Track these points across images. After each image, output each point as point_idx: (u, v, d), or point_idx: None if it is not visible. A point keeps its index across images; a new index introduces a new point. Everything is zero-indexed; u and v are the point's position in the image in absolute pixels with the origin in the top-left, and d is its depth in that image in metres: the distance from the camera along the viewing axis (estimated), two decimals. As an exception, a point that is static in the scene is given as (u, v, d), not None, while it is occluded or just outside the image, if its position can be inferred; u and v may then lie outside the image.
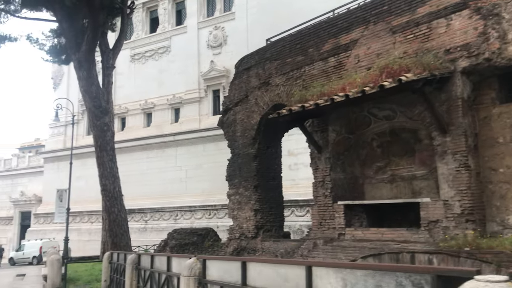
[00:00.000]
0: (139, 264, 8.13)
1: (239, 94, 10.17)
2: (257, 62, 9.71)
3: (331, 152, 8.18)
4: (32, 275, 17.86)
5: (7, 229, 44.25)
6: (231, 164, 10.65)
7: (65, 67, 39.29)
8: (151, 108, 34.13)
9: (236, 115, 10.17)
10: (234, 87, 10.67)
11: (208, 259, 5.23)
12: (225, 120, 10.78)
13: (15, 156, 48.24)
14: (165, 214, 31.15)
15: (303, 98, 7.29)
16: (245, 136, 9.88)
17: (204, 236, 10.68)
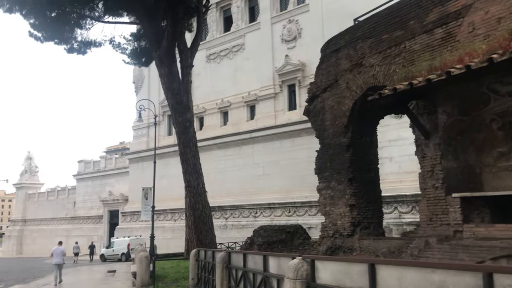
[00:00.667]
0: (229, 263, 7.64)
1: (327, 79, 9.35)
2: (347, 43, 8.84)
3: (442, 137, 7.09)
4: (122, 272, 18.41)
5: (97, 227, 47.11)
6: (321, 156, 9.84)
7: (145, 71, 40.91)
8: (227, 106, 34.27)
9: (325, 102, 9.36)
10: (321, 72, 9.85)
11: (317, 259, 4.53)
12: (312, 108, 10.02)
13: (103, 158, 51.27)
14: (245, 211, 31.06)
15: (408, 75, 6.32)
16: (336, 125, 9.05)
17: (293, 234, 10.02)
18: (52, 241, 53.40)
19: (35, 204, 59.27)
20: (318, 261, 4.40)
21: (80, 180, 52.13)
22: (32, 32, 19.83)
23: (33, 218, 58.74)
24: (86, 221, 49.83)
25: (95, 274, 19.12)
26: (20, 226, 59.58)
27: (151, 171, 38.41)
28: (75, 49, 21.35)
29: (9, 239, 60.97)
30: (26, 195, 60.46)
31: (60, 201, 55.49)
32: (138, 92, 41.35)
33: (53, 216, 55.57)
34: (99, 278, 16.89)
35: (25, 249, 57.81)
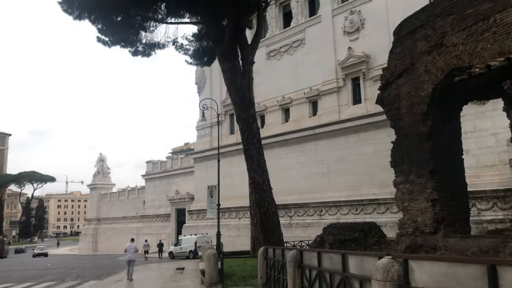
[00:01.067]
0: (301, 262, 7.19)
1: (402, 63, 8.59)
2: (424, 22, 8.03)
3: (544, 120, 6.16)
4: (190, 269, 18.57)
5: (166, 225, 48.62)
6: (397, 147, 9.08)
7: (207, 72, 41.52)
8: (288, 103, 33.81)
9: (400, 88, 8.60)
10: (394, 56, 9.10)
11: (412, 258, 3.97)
12: (386, 96, 9.28)
13: (169, 159, 52.89)
14: (310, 209, 30.43)
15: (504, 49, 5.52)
16: (414, 113, 8.27)
17: (366, 232, 9.37)
18: (124, 239, 55.97)
19: (107, 203, 62.49)
20: (413, 261, 3.82)
21: (149, 180, 54.13)
22: (100, 37, 20.51)
23: (106, 217, 61.96)
24: (155, 219, 51.66)
25: (164, 271, 19.48)
26: (95, 224, 63.09)
27: (215, 170, 39.07)
28: (140, 51, 21.85)
29: (85, 237, 64.84)
30: (99, 195, 63.92)
31: (130, 201, 58.01)
32: (200, 93, 42.05)
33: (124, 215, 58.23)
34: (168, 275, 17.14)
35: (100, 247, 61.11)
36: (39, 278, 19.70)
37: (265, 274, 10.85)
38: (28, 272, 24.13)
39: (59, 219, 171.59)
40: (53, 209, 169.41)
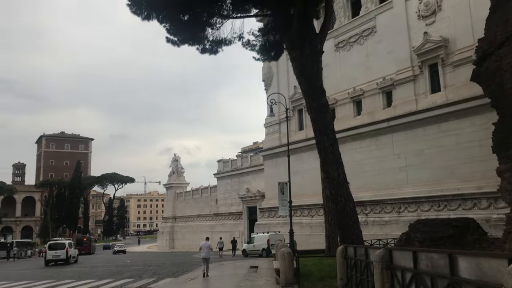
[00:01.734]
0: (391, 262, 6.29)
1: (504, 30, 7.32)
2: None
3: None
4: (264, 268, 18.09)
5: (238, 223, 48.93)
6: (500, 130, 7.80)
7: (274, 68, 41.04)
8: (360, 95, 32.29)
9: (502, 60, 7.34)
10: (493, 23, 7.81)
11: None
12: (483, 71, 8.02)
13: (239, 157, 53.21)
14: (387, 206, 28.77)
15: None
16: (521, 88, 7.01)
17: (463, 229, 8.18)
18: (198, 237, 57.36)
19: (182, 202, 64.39)
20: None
21: (220, 178, 54.90)
22: (169, 37, 20.69)
23: (181, 215, 63.87)
24: (227, 217, 52.25)
25: (238, 270, 19.19)
26: (171, 223, 65.30)
27: (285, 167, 38.41)
28: (208, 49, 21.77)
29: (162, 235, 67.35)
30: (175, 194, 66.07)
31: (204, 199, 59.27)
32: (268, 90, 41.65)
33: (198, 213, 59.63)
34: (242, 273, 16.78)
35: (176, 244, 63.12)
36: (118, 275, 20.32)
37: (345, 275, 9.98)
38: (109, 269, 25.14)
39: (139, 218, 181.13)
40: (133, 209, 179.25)
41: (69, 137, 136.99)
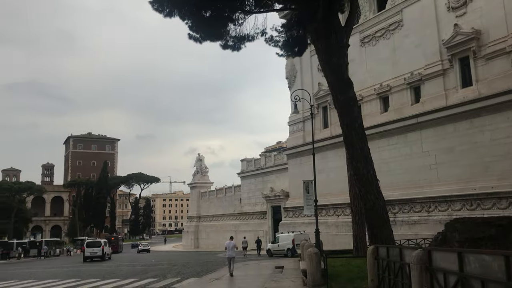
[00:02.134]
0: (430, 264, 5.75)
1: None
2: None
3: None
4: (289, 268, 17.62)
5: (262, 223, 48.55)
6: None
7: (297, 65, 40.49)
8: (386, 91, 31.40)
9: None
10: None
11: None
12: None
13: (262, 156, 52.83)
14: (416, 205, 27.84)
15: None
16: None
17: (507, 228, 7.52)
18: (222, 236, 57.28)
19: (206, 201, 64.47)
20: None
21: (244, 178, 54.65)
22: (191, 34, 20.47)
23: (205, 214, 63.97)
24: (251, 216, 51.93)
25: (263, 270, 18.78)
26: (196, 222, 65.48)
27: (309, 165, 37.82)
28: (230, 45, 21.46)
29: (187, 234, 67.63)
30: (199, 193, 66.22)
31: (227, 198, 59.17)
32: (291, 87, 41.12)
33: (222, 212, 59.57)
34: (267, 274, 16.37)
35: (201, 243, 63.24)
36: (142, 274, 20.22)
37: (377, 276, 9.44)
38: (134, 268, 25.14)
39: (164, 217, 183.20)
40: (159, 208, 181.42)
41: (96, 138, 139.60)
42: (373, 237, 11.89)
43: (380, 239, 11.73)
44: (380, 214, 11.88)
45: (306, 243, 15.01)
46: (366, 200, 11.95)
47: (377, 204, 11.92)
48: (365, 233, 20.24)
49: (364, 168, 11.97)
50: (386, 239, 11.74)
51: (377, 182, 12.16)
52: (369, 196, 11.91)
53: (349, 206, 34.08)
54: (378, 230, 11.81)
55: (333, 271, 12.99)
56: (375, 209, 11.86)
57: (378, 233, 11.80)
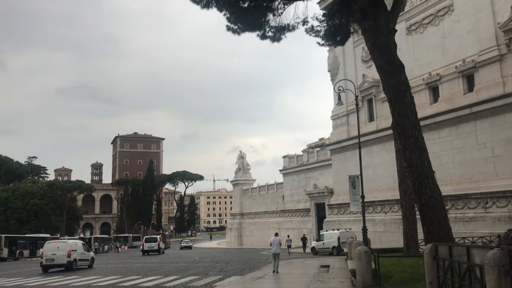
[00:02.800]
0: (511, 267, 4.79)
1: None
2: None
3: None
4: (336, 267, 16.71)
5: (306, 220, 47.57)
6: None
7: (340, 57, 39.19)
8: (436, 81, 29.62)
9: None
10: None
11: None
12: None
13: (305, 152, 51.77)
14: (471, 201, 26.03)
15: None
16: None
17: None
18: (265, 233, 56.76)
19: (249, 198, 64.19)
20: None
21: (286, 174, 53.81)
22: (229, 26, 19.94)
23: (248, 211, 63.70)
24: (294, 214, 51.05)
25: (308, 268, 17.97)
26: (239, 219, 65.36)
27: (354, 160, 36.55)
28: (269, 36, 20.74)
29: (230, 231, 67.67)
30: (241, 190, 66.04)
31: (270, 195, 58.56)
32: (334, 80, 39.80)
33: (265, 209, 59.05)
34: (312, 273, 15.56)
35: (244, 241, 63.02)
36: (184, 272, 19.96)
37: (436, 278, 8.43)
38: (176, 265, 25.02)
39: (208, 215, 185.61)
40: (203, 206, 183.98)
41: (141, 137, 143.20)
42: (429, 235, 10.82)
43: (437, 237, 10.66)
44: (437, 210, 10.78)
45: (355, 241, 14.06)
46: (421, 194, 10.89)
47: (434, 198, 10.84)
48: (416, 231, 18.97)
49: (418, 158, 10.92)
50: (444, 237, 10.66)
51: (432, 174, 11.07)
52: (424, 189, 10.84)
53: (398, 203, 32.65)
54: (435, 227, 10.73)
55: (384, 271, 12.01)
56: (431, 204, 10.78)
57: (434, 231, 10.72)
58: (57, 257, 25.11)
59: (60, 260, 25.09)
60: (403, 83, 10.93)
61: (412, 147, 10.88)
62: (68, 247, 25.97)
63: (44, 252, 25.80)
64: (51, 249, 25.66)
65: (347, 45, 39.47)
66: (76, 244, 27.39)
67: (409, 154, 11.00)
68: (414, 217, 18.97)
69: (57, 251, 25.35)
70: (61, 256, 25.10)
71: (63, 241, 28.91)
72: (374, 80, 34.88)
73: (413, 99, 11.48)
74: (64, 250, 25.39)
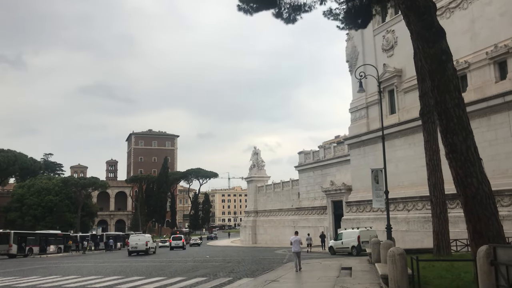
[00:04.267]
0: None
1: None
2: None
3: None
4: (359, 270, 14.90)
5: (322, 218, 45.69)
6: None
7: (359, 47, 37.26)
8: (464, 69, 27.51)
9: None
10: None
11: None
12: None
13: (321, 148, 49.80)
14: (504, 198, 23.97)
15: None
16: None
17: None
18: (280, 232, 55.07)
19: (263, 196, 62.47)
20: None
21: (302, 171, 51.96)
22: (240, 5, 18.42)
23: (263, 209, 62.00)
24: (310, 211, 49.18)
25: (327, 271, 16.21)
26: (253, 217, 63.71)
27: (373, 156, 34.54)
28: (285, 17, 19.18)
29: (244, 229, 66.05)
30: (256, 188, 64.36)
31: (285, 193, 56.77)
32: (352, 71, 37.86)
33: (280, 207, 57.28)
34: (333, 276, 13.80)
35: (258, 239, 61.38)
36: (192, 272, 18.42)
37: None
38: (185, 264, 23.49)
39: (223, 213, 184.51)
40: (218, 203, 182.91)
41: (156, 134, 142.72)
42: (476, 234, 9.01)
43: (485, 237, 8.85)
44: (486, 204, 8.98)
45: (384, 242, 12.25)
46: (466, 185, 9.09)
47: (482, 191, 9.03)
48: (448, 230, 17.11)
49: (463, 143, 9.12)
50: (494, 236, 8.84)
51: (480, 161, 9.26)
52: (471, 180, 9.04)
53: (422, 200, 30.71)
54: (483, 224, 8.92)
55: (416, 276, 10.23)
56: (479, 197, 8.97)
57: (482, 229, 8.91)
58: (139, 245, 39.43)
59: (141, 247, 39.34)
60: (444, 51, 9.14)
61: (455, 129, 9.08)
62: (146, 238, 40.56)
63: (130, 242, 40.06)
64: (134, 240, 40.12)
65: (366, 34, 37.55)
66: (149, 237, 42.18)
67: (451, 138, 9.20)
68: (445, 215, 17.11)
69: (138, 242, 39.69)
70: (141, 244, 39.46)
71: (142, 235, 43.86)
72: (396, 69, 32.88)
73: (456, 72, 9.67)
74: (143, 241, 39.70)
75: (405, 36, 33.67)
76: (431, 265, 13.06)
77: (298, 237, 17.28)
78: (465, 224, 9.43)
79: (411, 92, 31.78)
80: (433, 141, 17.56)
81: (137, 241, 39.62)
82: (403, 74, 32.72)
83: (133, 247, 39.28)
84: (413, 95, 31.97)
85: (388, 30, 34.56)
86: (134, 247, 39.26)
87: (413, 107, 31.51)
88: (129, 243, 40.13)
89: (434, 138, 17.61)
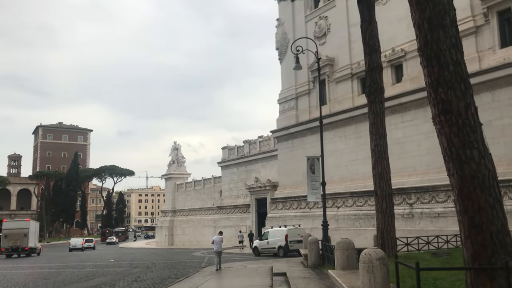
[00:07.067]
0: None
1: None
2: None
3: None
4: (296, 277, 11.72)
5: (245, 217, 42.84)
6: None
7: (290, 33, 34.98)
8: (400, 57, 26.18)
9: None
10: None
11: None
12: None
13: (246, 143, 46.96)
14: (439, 194, 22.66)
15: None
16: None
17: None
18: (200, 232, 51.31)
19: (183, 194, 58.29)
20: None
21: (225, 167, 48.73)
22: None
23: (181, 208, 57.81)
24: (233, 210, 46.07)
25: (254, 278, 12.98)
26: (170, 217, 59.23)
27: (303, 149, 32.10)
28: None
29: (161, 229, 61.24)
30: (175, 185, 59.95)
31: (206, 191, 53.20)
32: (282, 59, 35.50)
33: (200, 206, 53.56)
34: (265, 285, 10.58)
35: (176, 240, 57.06)
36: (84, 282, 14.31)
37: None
38: (80, 271, 19.03)
39: (140, 213, 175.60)
40: (134, 204, 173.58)
41: (66, 128, 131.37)
42: (473, 229, 6.30)
43: (487, 231, 6.19)
44: (489, 187, 6.30)
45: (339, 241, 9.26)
46: (464, 159, 6.38)
47: (484, 167, 6.34)
48: (394, 227, 14.89)
49: (461, 99, 6.42)
50: (499, 231, 6.19)
51: (481, 128, 6.58)
52: (470, 151, 6.34)
53: (351, 196, 28.92)
54: (483, 215, 6.23)
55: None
56: (481, 176, 6.28)
57: (483, 221, 6.23)
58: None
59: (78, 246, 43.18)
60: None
61: (451, 79, 6.41)
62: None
63: (71, 242, 41.67)
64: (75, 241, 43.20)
65: (298, 19, 35.40)
66: None
67: (445, 93, 6.50)
68: (391, 209, 14.86)
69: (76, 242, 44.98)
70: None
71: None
72: (328, 58, 30.87)
73: (452, 2, 6.97)
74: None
75: (339, 23, 32.30)
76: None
77: (220, 237, 17.59)
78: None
79: (343, 82, 29.99)
80: (380, 123, 15.28)
81: (76, 242, 44.36)
82: (335, 64, 30.85)
83: (73, 246, 39.11)
84: (345, 85, 30.27)
85: (321, 16, 32.55)
86: (73, 246, 39.37)
87: (345, 98, 29.74)
88: (71, 244, 40.32)
89: (381, 120, 15.35)
